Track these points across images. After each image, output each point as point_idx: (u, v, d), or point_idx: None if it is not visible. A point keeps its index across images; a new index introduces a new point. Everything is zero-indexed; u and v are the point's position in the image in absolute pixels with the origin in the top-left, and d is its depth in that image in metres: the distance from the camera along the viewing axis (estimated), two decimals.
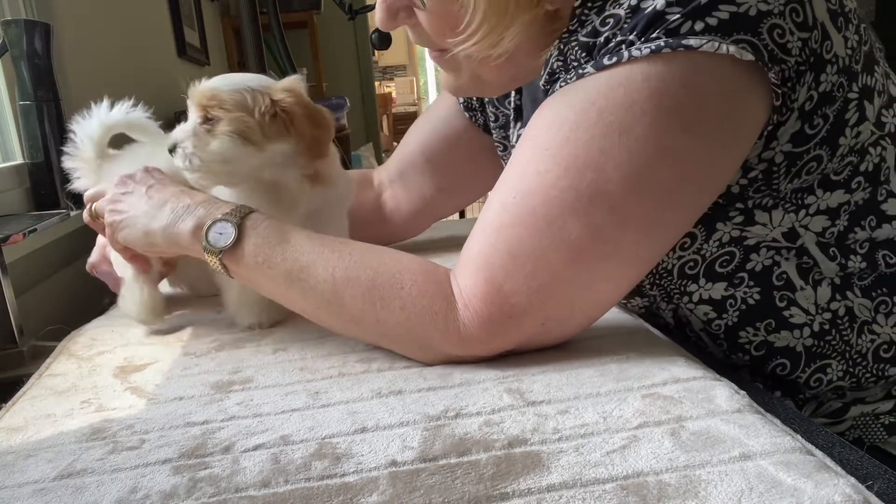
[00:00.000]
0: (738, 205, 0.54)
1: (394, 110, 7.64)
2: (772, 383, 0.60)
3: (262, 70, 1.35)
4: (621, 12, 0.47)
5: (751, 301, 0.56)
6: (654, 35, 0.45)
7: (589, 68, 0.48)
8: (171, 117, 1.91)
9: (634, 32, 0.46)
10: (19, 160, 1.15)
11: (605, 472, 0.36)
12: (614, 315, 0.61)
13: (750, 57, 0.45)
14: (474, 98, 0.80)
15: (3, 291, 0.75)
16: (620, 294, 0.52)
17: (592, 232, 0.47)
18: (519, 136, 0.66)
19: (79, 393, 0.53)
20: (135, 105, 0.77)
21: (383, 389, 0.48)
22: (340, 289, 0.52)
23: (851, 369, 0.58)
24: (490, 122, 0.79)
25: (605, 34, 0.47)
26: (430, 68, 9.79)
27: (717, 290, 0.57)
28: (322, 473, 0.38)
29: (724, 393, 0.44)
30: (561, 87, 0.50)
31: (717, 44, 0.44)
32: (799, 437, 0.39)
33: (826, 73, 0.48)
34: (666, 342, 0.55)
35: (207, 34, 2.56)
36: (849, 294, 0.56)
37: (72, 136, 0.73)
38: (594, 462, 0.37)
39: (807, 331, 0.56)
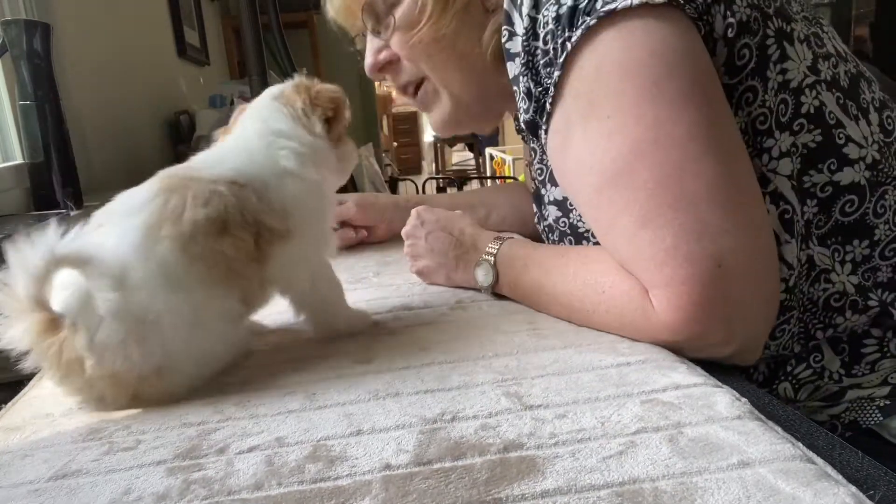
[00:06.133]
0: None
1: (394, 110, 7.65)
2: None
3: (262, 70, 1.35)
4: (551, 24, 0.55)
5: None
6: (579, 22, 0.53)
7: (556, 74, 0.56)
8: (171, 117, 1.91)
9: (567, 31, 0.54)
10: (19, 160, 1.15)
11: (601, 479, 0.36)
12: None
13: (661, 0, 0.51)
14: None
15: None
16: (743, 194, 0.53)
17: (657, 167, 0.51)
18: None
19: None
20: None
21: (380, 391, 0.48)
22: (565, 301, 0.61)
23: (801, 315, 0.60)
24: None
25: (552, 46, 0.55)
26: None
27: None
28: (315, 476, 0.38)
29: (724, 399, 0.43)
30: (551, 104, 0.58)
31: (628, 1, 0.51)
32: (800, 444, 0.39)
33: (737, 5, 0.54)
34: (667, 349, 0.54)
35: (207, 34, 2.57)
36: (809, 243, 0.59)
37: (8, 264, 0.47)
38: (590, 468, 0.37)
39: (782, 286, 0.58)
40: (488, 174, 5.13)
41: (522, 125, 0.63)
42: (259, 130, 0.59)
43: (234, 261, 0.52)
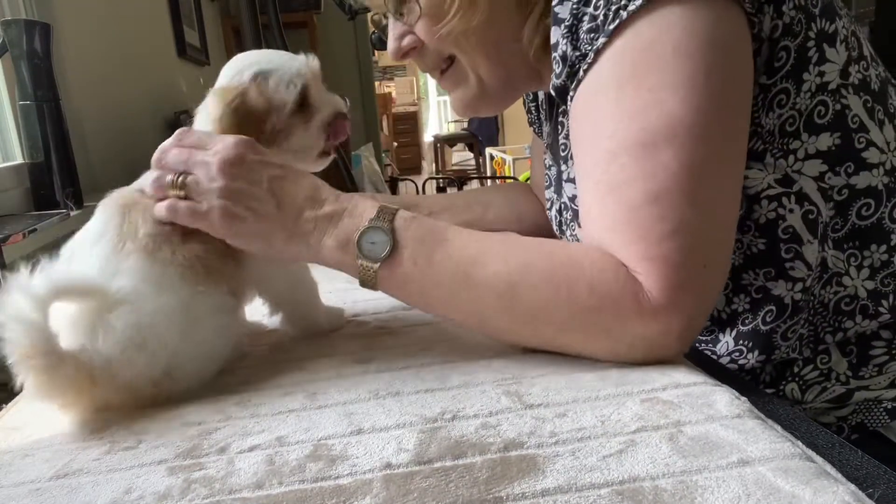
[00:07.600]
0: None
1: (394, 110, 7.66)
2: (751, 343, 0.62)
3: None
4: None
5: (755, 249, 0.59)
6: None
7: (601, 40, 0.51)
8: (171, 117, 1.91)
9: None
10: (19, 160, 1.15)
11: (601, 477, 0.36)
12: None
13: None
14: (532, 112, 0.88)
15: None
16: (735, 211, 0.54)
17: (684, 153, 0.49)
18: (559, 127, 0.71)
19: None
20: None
21: (381, 391, 0.48)
22: (516, 279, 0.50)
23: (812, 318, 0.61)
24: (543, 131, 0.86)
25: (602, 12, 0.51)
26: None
27: None
28: (316, 475, 0.38)
29: (724, 398, 0.44)
30: (585, 70, 0.53)
31: None
32: (799, 442, 0.39)
33: (786, 6, 0.53)
34: None
35: (207, 34, 2.57)
36: (825, 245, 0.59)
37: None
38: (590, 466, 0.37)
39: (799, 285, 0.59)
40: (488, 174, 5.14)
41: (552, 91, 0.58)
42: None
43: (209, 259, 0.53)
